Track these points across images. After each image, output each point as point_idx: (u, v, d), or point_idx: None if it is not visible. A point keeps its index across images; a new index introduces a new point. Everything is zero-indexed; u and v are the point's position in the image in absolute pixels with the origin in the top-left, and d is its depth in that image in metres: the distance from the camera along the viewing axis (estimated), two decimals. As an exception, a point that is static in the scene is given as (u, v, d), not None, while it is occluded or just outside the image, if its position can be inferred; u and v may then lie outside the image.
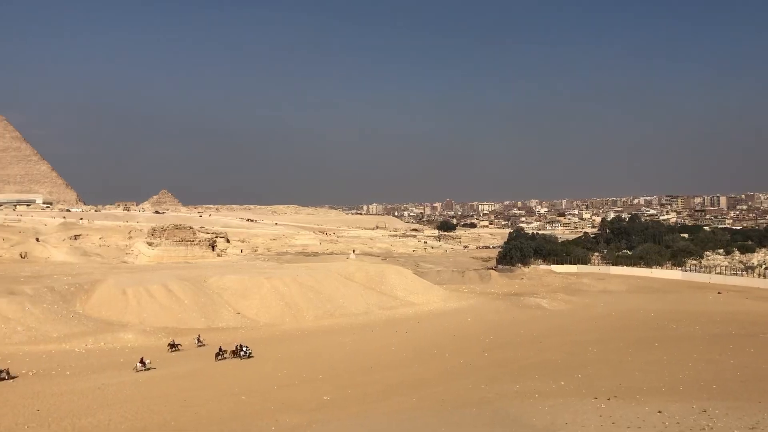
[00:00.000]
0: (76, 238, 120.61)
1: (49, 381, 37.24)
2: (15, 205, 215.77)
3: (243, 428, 27.76)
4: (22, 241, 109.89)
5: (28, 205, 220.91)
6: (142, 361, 40.49)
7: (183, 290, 61.67)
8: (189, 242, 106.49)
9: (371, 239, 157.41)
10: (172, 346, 47.13)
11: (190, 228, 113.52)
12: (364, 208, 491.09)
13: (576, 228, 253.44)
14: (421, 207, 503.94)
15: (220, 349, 44.74)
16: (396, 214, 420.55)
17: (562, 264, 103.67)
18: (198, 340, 49.44)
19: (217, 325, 57.31)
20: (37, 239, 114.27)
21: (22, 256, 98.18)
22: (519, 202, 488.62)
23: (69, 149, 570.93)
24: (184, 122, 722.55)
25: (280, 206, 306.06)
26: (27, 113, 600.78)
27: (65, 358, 43.78)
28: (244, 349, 44.87)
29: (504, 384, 36.15)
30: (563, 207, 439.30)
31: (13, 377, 37.66)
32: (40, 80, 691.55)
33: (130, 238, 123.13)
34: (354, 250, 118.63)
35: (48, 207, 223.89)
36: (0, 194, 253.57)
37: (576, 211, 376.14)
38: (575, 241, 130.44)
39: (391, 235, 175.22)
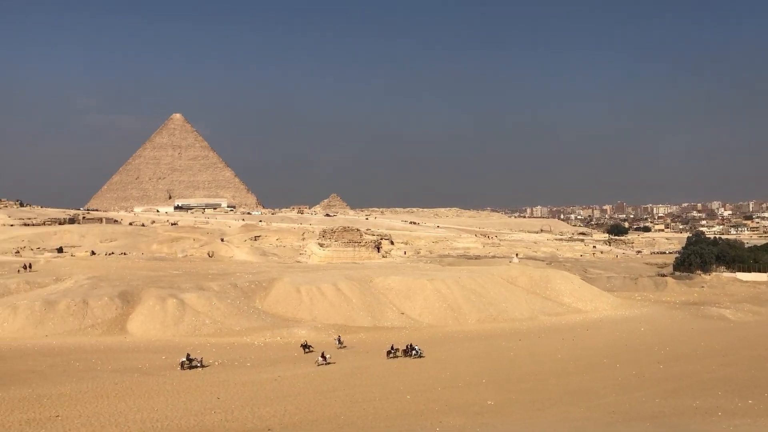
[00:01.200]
0: (256, 239, 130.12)
1: (232, 371, 40.48)
2: (204, 209, 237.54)
3: (408, 427, 28.28)
4: (209, 242, 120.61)
5: (214, 209, 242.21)
6: (323, 356, 42.52)
7: (351, 289, 64.20)
8: (356, 244, 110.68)
9: (535, 243, 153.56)
10: (305, 347, 46.62)
11: (358, 230, 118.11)
12: (528, 210, 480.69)
13: (766, 232, 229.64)
14: (589, 209, 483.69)
15: (392, 348, 45.75)
16: (561, 217, 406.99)
17: (749, 272, 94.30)
18: (338, 341, 49.88)
19: (383, 324, 58.97)
20: (222, 240, 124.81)
21: (210, 255, 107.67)
22: (698, 204, 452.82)
23: (249, 156, 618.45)
24: (352, 128, 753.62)
25: (442, 209, 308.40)
26: (212, 122, 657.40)
27: (246, 351, 47.34)
28: (416, 348, 45.52)
29: (682, 399, 33.60)
30: (750, 210, 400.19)
31: (205, 366, 41.40)
32: (222, 92, 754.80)
33: (303, 239, 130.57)
34: (517, 254, 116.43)
35: (231, 210, 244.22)
36: (191, 199, 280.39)
37: (767, 214, 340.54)
38: (765, 247, 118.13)
39: (556, 239, 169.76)
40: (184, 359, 41.01)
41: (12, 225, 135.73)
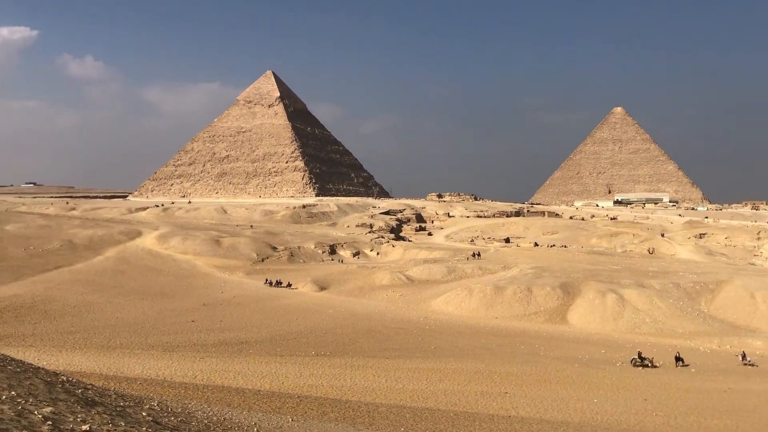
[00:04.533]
0: (700, 237, 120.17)
1: (675, 375, 38.33)
2: (644, 204, 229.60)
3: None
4: (649, 238, 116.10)
5: (655, 204, 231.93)
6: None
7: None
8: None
9: None
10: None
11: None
12: None
13: None
14: None
15: None
16: None
17: None
18: (743, 357, 42.44)
19: None
20: (663, 236, 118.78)
21: (650, 252, 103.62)
22: None
23: (694, 148, 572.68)
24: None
25: None
26: (654, 115, 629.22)
27: (689, 355, 44.21)
28: None
29: None
30: None
31: (656, 366, 40.10)
32: (664, 83, 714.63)
33: (758, 238, 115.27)
34: None
35: (673, 205, 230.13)
36: (631, 193, 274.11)
37: None
38: None
39: None
40: (636, 357, 40.49)
41: (468, 216, 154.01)
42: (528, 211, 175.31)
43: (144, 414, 14.20)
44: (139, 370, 29.94)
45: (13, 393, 10.36)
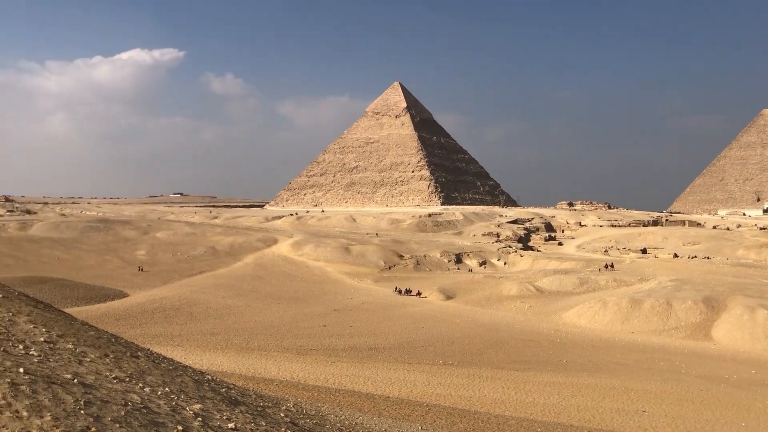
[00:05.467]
0: None
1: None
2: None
3: None
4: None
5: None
6: None
7: None
8: None
9: None
10: None
11: None
12: None
13: None
14: None
15: None
16: None
17: None
18: None
19: None
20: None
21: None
22: None
23: None
24: None
25: None
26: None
27: None
28: None
29: None
30: None
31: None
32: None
33: None
34: None
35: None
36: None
37: None
38: None
39: None
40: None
41: (601, 226, 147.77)
42: (666, 220, 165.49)
43: (282, 415, 14.84)
44: (275, 371, 31.32)
45: (167, 389, 11.18)
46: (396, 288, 70.62)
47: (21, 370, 8.31)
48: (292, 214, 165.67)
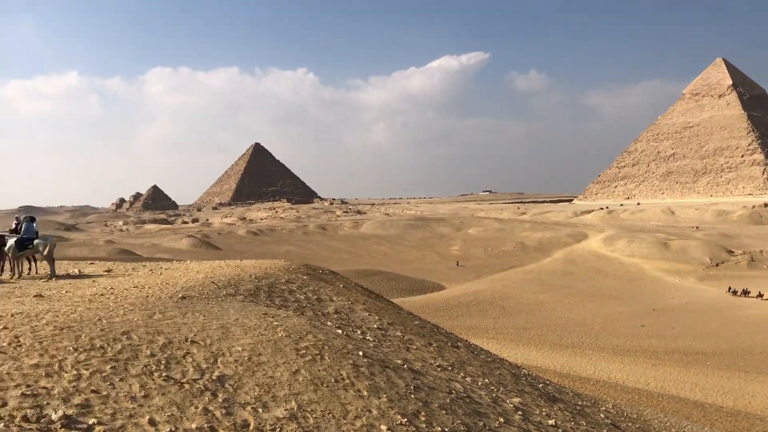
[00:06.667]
0: None
1: None
2: None
3: None
4: None
5: None
6: None
7: None
8: None
9: None
10: None
11: None
12: None
13: None
14: None
15: None
16: None
17: None
18: None
19: None
20: None
21: None
22: None
23: None
24: None
25: None
26: None
27: None
28: None
29: None
30: None
31: None
32: None
33: None
34: None
35: None
36: None
37: None
38: None
39: None
40: None
41: None
42: None
43: (602, 416, 14.19)
44: (591, 370, 30.28)
45: (486, 380, 11.45)
46: (729, 288, 62.95)
47: (360, 353, 9.23)
48: (602, 208, 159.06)
